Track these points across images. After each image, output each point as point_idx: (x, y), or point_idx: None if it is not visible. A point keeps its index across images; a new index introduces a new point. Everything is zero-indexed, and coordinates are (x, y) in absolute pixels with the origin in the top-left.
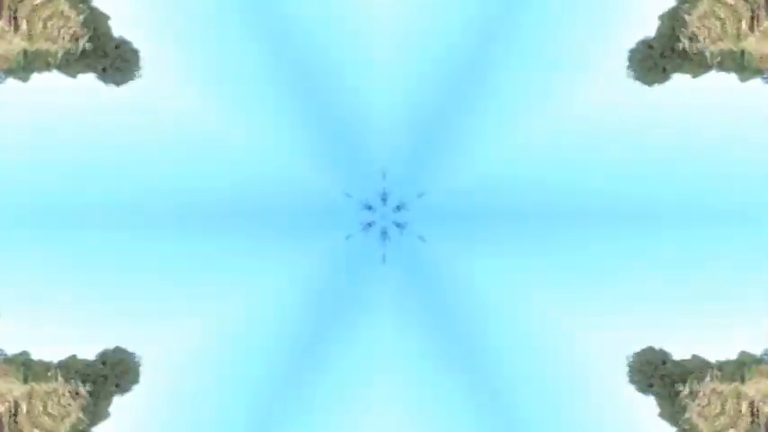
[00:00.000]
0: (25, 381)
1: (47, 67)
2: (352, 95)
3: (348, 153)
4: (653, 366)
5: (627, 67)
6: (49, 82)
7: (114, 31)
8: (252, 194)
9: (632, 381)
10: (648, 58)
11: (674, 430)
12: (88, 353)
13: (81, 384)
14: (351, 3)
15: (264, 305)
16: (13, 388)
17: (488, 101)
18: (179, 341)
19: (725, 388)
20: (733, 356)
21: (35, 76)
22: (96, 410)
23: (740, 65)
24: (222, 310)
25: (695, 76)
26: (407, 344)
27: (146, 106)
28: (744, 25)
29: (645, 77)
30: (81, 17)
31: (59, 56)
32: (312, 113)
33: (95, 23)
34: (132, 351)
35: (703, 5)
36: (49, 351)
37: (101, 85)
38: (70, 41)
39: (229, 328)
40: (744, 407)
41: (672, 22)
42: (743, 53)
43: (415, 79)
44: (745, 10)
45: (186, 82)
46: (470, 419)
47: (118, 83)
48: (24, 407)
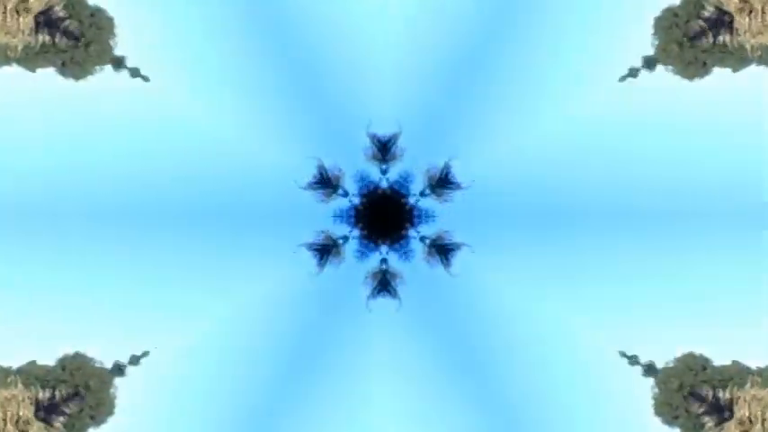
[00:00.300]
0: None
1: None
2: (352, 95)
3: (348, 153)
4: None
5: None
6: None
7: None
8: (251, 194)
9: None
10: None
11: None
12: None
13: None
14: (348, 3)
15: (265, 305)
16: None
17: (489, 101)
18: (167, 342)
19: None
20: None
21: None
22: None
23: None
24: (222, 310)
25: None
26: (407, 344)
27: (134, 103)
28: None
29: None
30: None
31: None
32: (312, 113)
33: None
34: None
35: None
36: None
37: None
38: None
39: (228, 328)
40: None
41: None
42: None
43: (415, 80)
44: None
45: (182, 81)
46: (471, 419)
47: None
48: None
